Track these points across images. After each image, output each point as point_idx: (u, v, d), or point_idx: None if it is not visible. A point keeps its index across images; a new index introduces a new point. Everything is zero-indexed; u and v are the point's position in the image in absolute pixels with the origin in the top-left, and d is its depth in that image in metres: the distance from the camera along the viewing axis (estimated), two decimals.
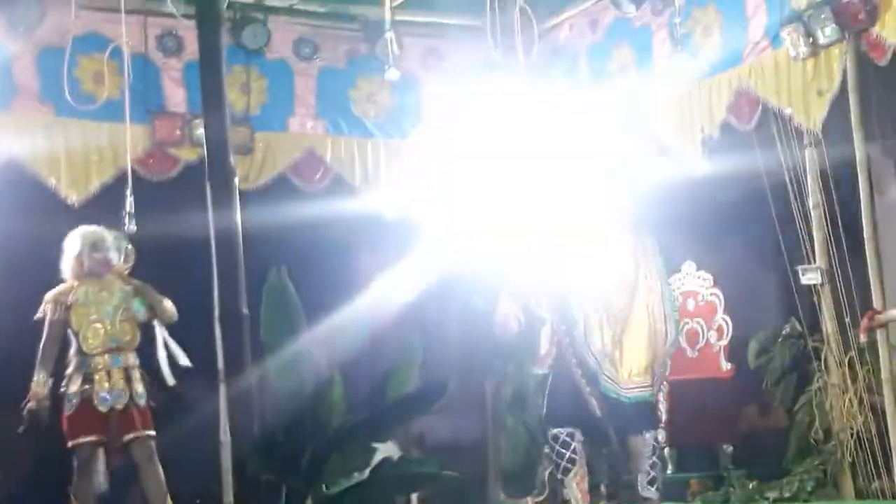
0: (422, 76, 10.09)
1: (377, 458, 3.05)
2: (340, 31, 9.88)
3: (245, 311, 3.02)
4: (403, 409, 2.93)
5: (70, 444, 6.99)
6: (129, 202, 8.04)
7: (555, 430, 6.08)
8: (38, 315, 7.27)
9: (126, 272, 7.52)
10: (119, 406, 7.10)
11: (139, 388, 7.22)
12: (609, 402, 6.05)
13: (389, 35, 9.35)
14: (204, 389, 9.51)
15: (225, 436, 8.92)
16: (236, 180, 3.11)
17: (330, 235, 10.98)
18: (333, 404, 2.97)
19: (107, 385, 7.07)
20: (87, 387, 7.08)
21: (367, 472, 3.04)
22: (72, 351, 7.21)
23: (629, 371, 6.06)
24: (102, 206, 8.80)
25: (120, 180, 8.84)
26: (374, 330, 12.71)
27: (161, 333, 7.39)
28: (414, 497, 9.88)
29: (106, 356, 7.12)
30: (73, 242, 7.36)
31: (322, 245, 10.74)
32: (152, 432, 7.23)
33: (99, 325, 7.17)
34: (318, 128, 9.73)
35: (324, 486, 2.98)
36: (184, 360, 7.37)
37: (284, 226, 10.03)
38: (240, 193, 3.43)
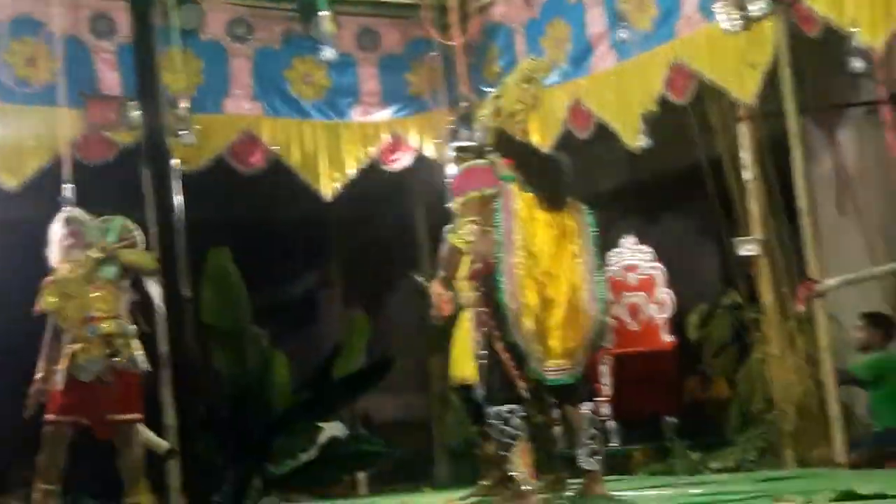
0: (358, 57, 10.07)
1: (324, 437, 3.04)
2: (275, 11, 9.83)
3: (187, 293, 3.00)
4: (349, 387, 2.93)
5: (46, 416, 6.85)
6: (67, 188, 7.94)
7: (495, 409, 6.11)
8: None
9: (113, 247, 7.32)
10: (106, 377, 6.73)
11: (126, 354, 6.83)
12: (539, 383, 6.10)
13: (325, 15, 9.32)
14: (147, 374, 9.49)
15: (169, 420, 8.90)
16: (173, 163, 3.07)
17: (269, 216, 10.96)
18: (279, 385, 2.96)
19: (85, 356, 6.77)
20: (70, 363, 6.97)
21: (314, 451, 3.03)
22: (54, 332, 7.08)
23: (553, 353, 6.10)
24: (39, 191, 8.72)
25: (57, 165, 8.76)
26: (316, 307, 12.77)
27: (152, 287, 7.20)
28: (361, 475, 9.91)
29: (82, 328, 6.83)
30: (53, 231, 7.06)
31: (261, 226, 10.72)
32: (134, 415, 6.71)
33: (73, 301, 7.04)
34: (254, 109, 9.67)
35: (271, 466, 2.98)
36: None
37: (223, 208, 10.01)
38: (178, 176, 3.39)
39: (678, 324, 9.54)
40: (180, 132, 8.13)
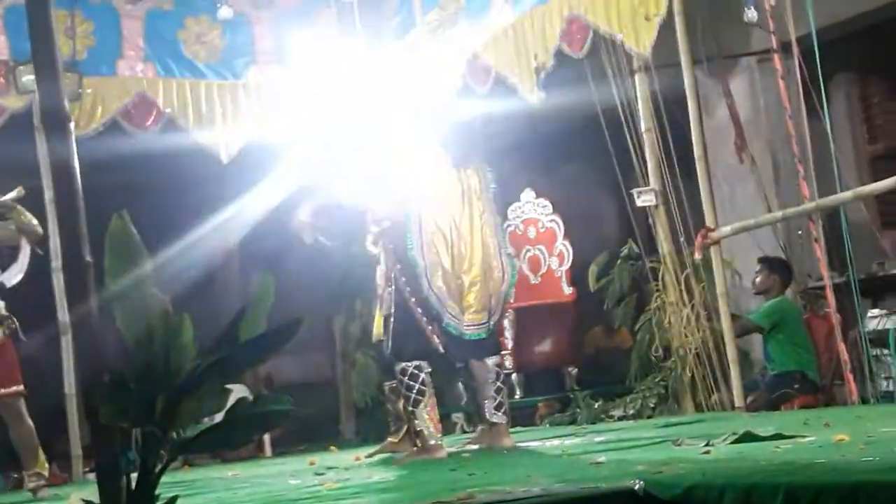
0: (252, 15, 9.97)
1: (231, 399, 3.03)
2: None
3: (88, 258, 2.96)
4: (256, 348, 2.92)
5: None
6: None
7: (402, 365, 6.16)
8: None
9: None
10: None
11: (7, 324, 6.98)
12: (451, 337, 6.16)
13: None
14: (45, 342, 9.35)
15: (70, 388, 8.80)
16: (72, 126, 3.02)
17: (165, 179, 10.83)
18: (184, 348, 2.94)
19: None
20: None
21: (222, 413, 3.02)
22: None
23: (469, 309, 6.17)
24: None
25: None
26: (217, 270, 12.65)
27: (25, 254, 7.09)
28: (266, 437, 9.91)
29: None
30: None
31: (158, 189, 10.59)
32: (17, 387, 6.95)
33: None
34: (147, 71, 9.54)
35: (179, 430, 2.96)
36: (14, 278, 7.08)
37: (118, 172, 9.86)
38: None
39: (578, 275, 9.66)
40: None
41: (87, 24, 9.18)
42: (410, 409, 6.16)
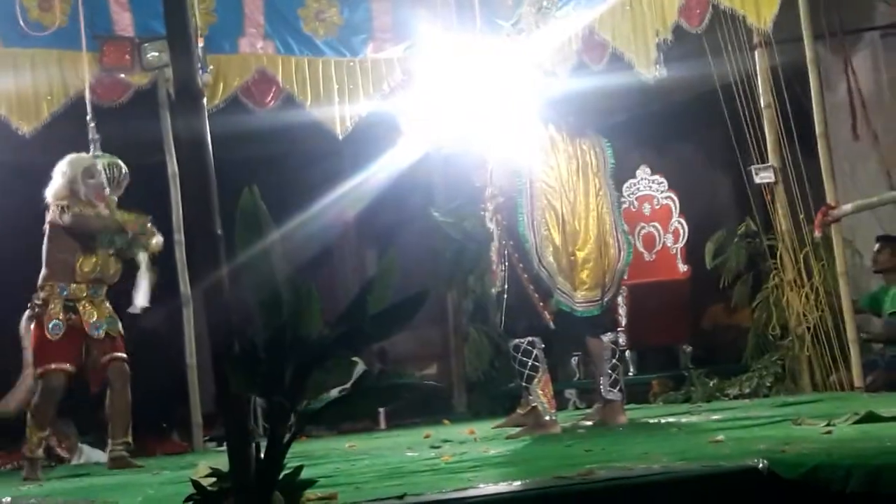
0: None
1: (357, 371, 3.09)
2: None
3: (219, 231, 3.03)
4: (384, 321, 2.96)
5: (41, 369, 6.94)
6: (92, 128, 7.96)
7: (515, 341, 6.18)
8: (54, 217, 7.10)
9: (116, 201, 7.37)
10: (112, 332, 7.12)
11: (113, 318, 7.21)
12: (563, 314, 6.16)
13: None
14: (166, 314, 9.57)
15: (191, 358, 9.00)
16: (204, 100, 3.09)
17: (283, 155, 10.97)
18: (312, 319, 3.00)
19: (95, 313, 7.05)
20: (72, 316, 7.03)
21: (348, 385, 3.08)
22: (45, 275, 7.11)
23: (581, 286, 6.16)
24: (54, 136, 8.74)
25: (70, 109, 8.78)
26: (333, 244, 12.81)
27: (145, 268, 7.31)
28: (381, 410, 10.02)
29: (90, 286, 7.08)
30: (66, 168, 7.18)
31: (275, 164, 10.73)
32: (126, 355, 7.22)
33: (91, 254, 7.08)
34: (267, 48, 9.65)
35: (306, 401, 3.03)
36: (143, 301, 7.30)
37: (237, 147, 10.03)
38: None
39: (694, 253, 9.58)
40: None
41: (210, 1, 9.31)
42: (524, 384, 6.18)
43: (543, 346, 6.20)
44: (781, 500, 3.17)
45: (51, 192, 7.17)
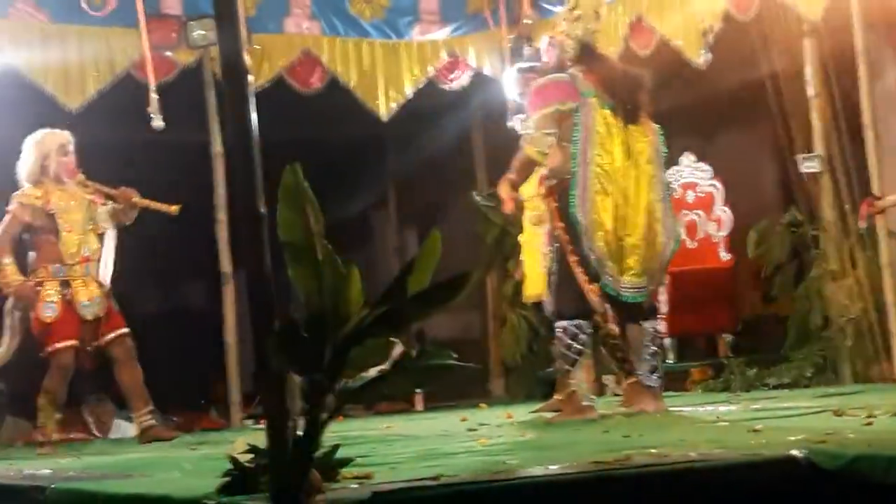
0: None
1: (397, 351, 3.09)
2: None
3: (263, 210, 3.03)
4: (423, 302, 2.96)
5: (50, 349, 7.00)
6: (154, 99, 8.00)
7: (562, 323, 6.16)
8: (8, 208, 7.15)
9: (81, 174, 7.37)
10: (100, 313, 7.15)
11: (105, 294, 7.23)
12: (608, 298, 6.15)
13: None
14: (205, 292, 9.63)
15: (230, 336, 9.05)
16: (251, 78, 3.10)
17: (326, 136, 11.00)
18: (352, 298, 3.00)
19: (86, 295, 7.09)
20: (66, 291, 7.07)
21: (387, 365, 3.08)
22: (35, 259, 7.17)
23: (628, 271, 6.14)
24: (100, 112, 8.80)
25: (116, 86, 8.84)
26: (372, 226, 12.83)
27: (109, 243, 7.36)
28: (418, 392, 10.04)
29: (81, 265, 7.12)
30: (39, 145, 7.21)
31: (319, 145, 10.76)
32: (127, 329, 7.25)
33: (73, 234, 7.12)
34: (313, 29, 9.65)
35: (345, 380, 3.04)
36: (108, 276, 7.36)
37: (281, 128, 10.05)
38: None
39: (737, 241, 9.52)
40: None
41: None
42: (567, 367, 6.17)
43: (591, 330, 6.18)
44: (821, 490, 3.15)
45: (23, 169, 7.22)
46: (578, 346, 6.09)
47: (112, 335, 7.15)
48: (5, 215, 7.17)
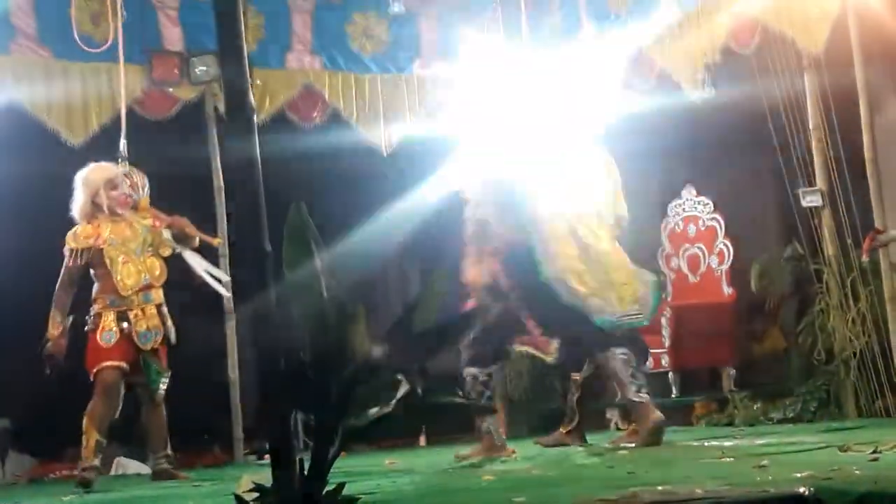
0: (419, 10, 10.02)
1: (402, 389, 3.09)
2: None
3: (268, 247, 3.04)
4: (431, 340, 2.96)
5: (95, 369, 6.90)
6: (123, 144, 8.02)
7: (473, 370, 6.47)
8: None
9: (145, 202, 7.35)
10: (155, 345, 7.06)
11: (169, 323, 7.17)
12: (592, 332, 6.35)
13: None
14: (208, 328, 9.61)
15: (233, 372, 9.03)
16: (254, 116, 3.10)
17: (328, 171, 10.99)
18: (358, 338, 3.00)
19: (144, 324, 7.00)
20: (125, 325, 6.97)
21: (392, 403, 3.08)
22: (96, 290, 7.12)
23: (621, 302, 6.27)
24: (102, 148, 8.79)
25: (119, 121, 8.84)
26: (377, 264, 12.81)
27: (193, 259, 7.31)
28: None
29: (139, 294, 7.03)
30: (86, 182, 7.16)
31: (321, 180, 10.76)
32: (167, 371, 7.18)
33: (130, 265, 7.04)
34: (315, 63, 9.66)
35: (351, 418, 3.03)
36: (224, 277, 7.35)
37: (283, 162, 10.05)
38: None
39: (739, 275, 9.51)
40: None
41: (259, 16, 9.32)
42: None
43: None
44: None
45: (76, 207, 7.18)
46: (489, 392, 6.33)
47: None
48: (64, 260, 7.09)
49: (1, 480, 9.35)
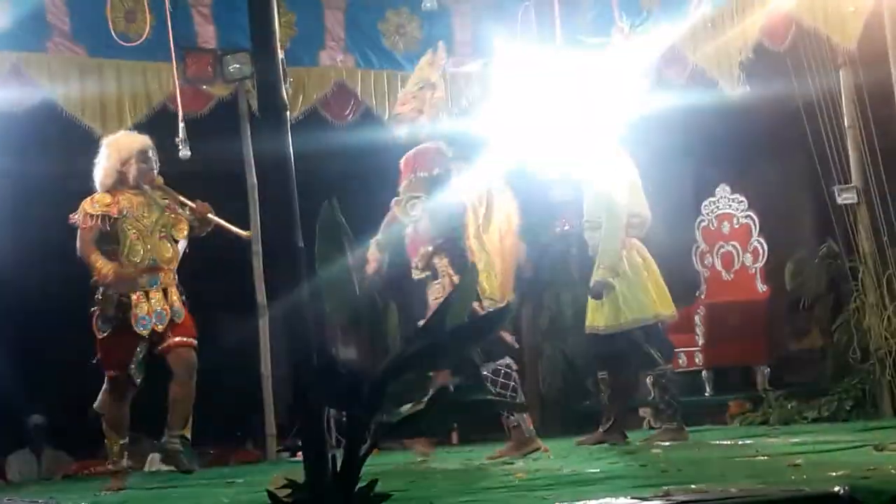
0: (451, 7, 10.01)
1: (434, 386, 3.08)
2: None
3: (301, 244, 3.04)
4: (464, 336, 2.95)
5: (107, 374, 6.61)
6: (181, 128, 8.00)
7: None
8: (72, 220, 6.58)
9: (160, 180, 6.75)
10: (160, 327, 6.50)
11: (177, 306, 6.59)
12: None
13: None
14: (241, 324, 9.63)
15: (265, 368, 9.05)
16: (287, 113, 3.10)
17: (359, 169, 10.99)
18: (389, 334, 3.00)
19: (145, 307, 6.47)
20: (120, 314, 6.46)
21: (424, 400, 3.07)
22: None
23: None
24: None
25: (153, 119, 8.87)
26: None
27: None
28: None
29: (144, 276, 6.50)
30: (118, 149, 6.65)
31: (352, 178, 10.76)
32: (194, 340, 6.60)
33: (138, 244, 6.52)
34: (347, 61, 9.67)
35: (383, 415, 3.03)
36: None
37: (315, 160, 10.06)
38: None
39: (773, 273, 9.46)
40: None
41: (291, 14, 9.33)
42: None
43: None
44: None
45: (99, 173, 6.66)
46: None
47: (171, 341, 6.52)
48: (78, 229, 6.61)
49: (37, 476, 9.42)
